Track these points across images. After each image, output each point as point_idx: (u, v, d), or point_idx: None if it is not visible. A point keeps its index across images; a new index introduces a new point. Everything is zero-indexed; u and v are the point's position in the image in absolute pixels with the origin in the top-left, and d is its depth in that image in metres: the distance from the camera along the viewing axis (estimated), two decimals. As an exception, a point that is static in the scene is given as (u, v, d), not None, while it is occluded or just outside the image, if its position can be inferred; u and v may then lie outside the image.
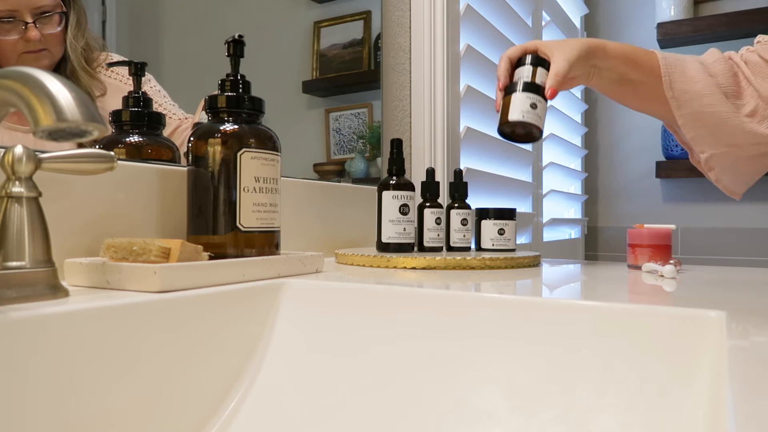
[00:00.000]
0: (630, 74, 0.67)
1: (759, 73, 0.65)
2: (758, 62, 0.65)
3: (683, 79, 0.66)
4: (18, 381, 0.32)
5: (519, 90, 0.65)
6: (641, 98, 0.70)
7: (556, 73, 0.64)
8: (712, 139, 0.67)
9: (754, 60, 0.66)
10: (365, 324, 0.46)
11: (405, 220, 0.72)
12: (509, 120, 0.63)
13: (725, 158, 0.68)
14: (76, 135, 0.31)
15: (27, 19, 0.57)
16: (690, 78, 0.66)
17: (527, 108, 0.63)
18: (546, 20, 1.60)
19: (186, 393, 0.41)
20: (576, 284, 0.59)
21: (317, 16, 0.96)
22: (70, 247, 0.49)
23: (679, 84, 0.67)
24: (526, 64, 0.66)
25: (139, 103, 0.61)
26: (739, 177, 0.70)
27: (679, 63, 0.67)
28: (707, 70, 0.66)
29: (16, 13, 0.57)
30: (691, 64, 0.67)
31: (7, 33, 0.56)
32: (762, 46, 0.66)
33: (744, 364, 0.26)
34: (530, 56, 0.67)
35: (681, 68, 0.67)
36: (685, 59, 0.68)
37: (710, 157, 0.68)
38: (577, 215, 1.99)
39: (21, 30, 0.57)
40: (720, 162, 0.68)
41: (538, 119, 0.64)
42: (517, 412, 0.38)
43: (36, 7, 0.58)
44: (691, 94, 0.66)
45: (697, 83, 0.66)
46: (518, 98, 0.64)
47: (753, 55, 0.66)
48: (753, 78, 0.65)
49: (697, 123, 0.67)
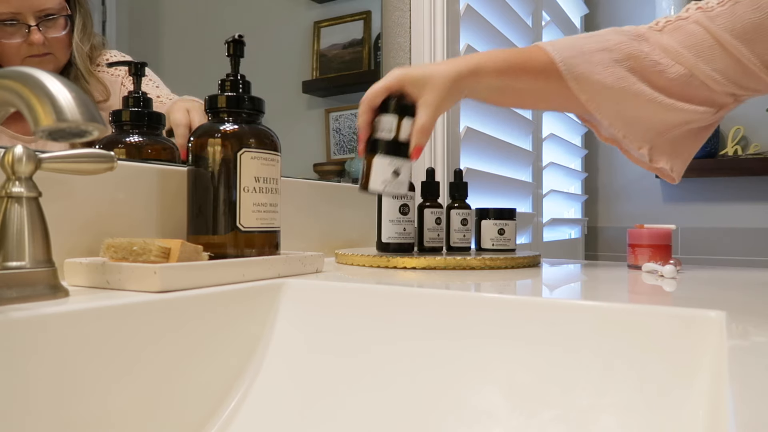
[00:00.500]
0: (513, 84, 0.63)
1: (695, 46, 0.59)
2: (697, 33, 0.59)
3: (590, 77, 0.61)
4: (18, 381, 0.32)
5: (380, 151, 0.60)
6: (532, 102, 0.68)
7: (421, 127, 0.59)
8: (643, 131, 0.64)
9: (690, 30, 0.60)
10: (365, 324, 0.46)
11: (405, 220, 0.72)
12: (369, 189, 0.60)
13: (665, 144, 0.65)
14: (76, 135, 0.31)
15: (30, 22, 0.56)
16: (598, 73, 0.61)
17: (388, 177, 0.59)
18: (546, 20, 1.60)
19: (186, 393, 0.41)
20: (576, 284, 0.59)
21: (317, 16, 0.96)
22: (70, 247, 0.49)
23: (589, 84, 0.62)
24: (389, 111, 0.60)
25: (139, 103, 0.61)
26: (682, 157, 0.67)
27: (580, 58, 0.62)
28: (611, 56, 0.61)
29: (18, 16, 0.55)
30: (593, 54, 0.62)
31: (9, 36, 0.55)
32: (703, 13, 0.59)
33: (744, 364, 0.26)
34: (393, 101, 0.60)
35: (585, 65, 0.62)
36: (584, 48, 0.62)
37: (650, 150, 0.65)
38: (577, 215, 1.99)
39: (24, 33, 0.56)
40: (663, 149, 0.65)
41: (400, 186, 0.60)
42: (517, 412, 0.38)
43: (39, 10, 0.57)
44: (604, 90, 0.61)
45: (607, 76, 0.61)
46: (379, 164, 0.59)
47: (688, 24, 0.60)
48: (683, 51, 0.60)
49: (623, 119, 0.63)
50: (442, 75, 0.60)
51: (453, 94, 0.61)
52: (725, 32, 0.58)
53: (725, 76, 0.59)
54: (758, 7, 0.56)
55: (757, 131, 1.85)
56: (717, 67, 0.59)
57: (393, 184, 0.60)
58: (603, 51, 0.62)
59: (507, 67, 0.62)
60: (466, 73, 0.61)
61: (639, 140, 0.65)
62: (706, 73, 0.60)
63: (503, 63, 0.62)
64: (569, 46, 0.63)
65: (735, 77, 0.59)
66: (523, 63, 0.63)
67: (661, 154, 0.66)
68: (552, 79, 0.63)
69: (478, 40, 1.18)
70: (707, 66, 0.59)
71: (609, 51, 0.62)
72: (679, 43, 0.60)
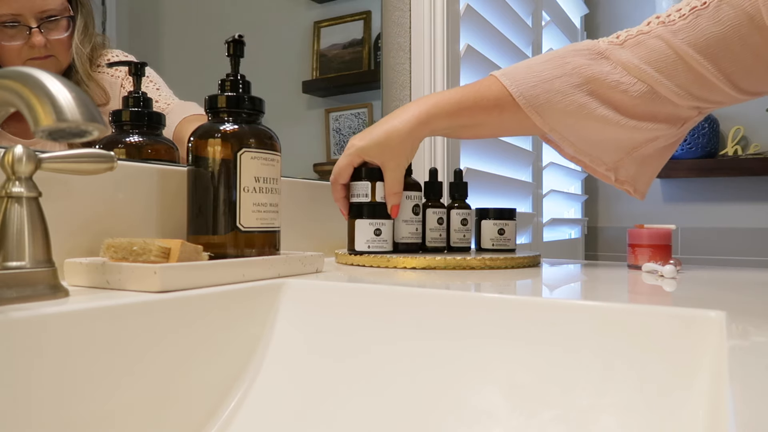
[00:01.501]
0: (467, 122, 0.64)
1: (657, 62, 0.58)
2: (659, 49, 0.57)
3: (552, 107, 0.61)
4: (18, 381, 0.32)
5: (362, 215, 0.68)
6: (491, 133, 0.68)
7: (390, 191, 0.65)
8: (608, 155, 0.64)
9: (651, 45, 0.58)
10: (365, 324, 0.46)
11: (417, 220, 0.73)
12: (356, 250, 0.67)
13: (631, 166, 0.65)
14: (76, 135, 0.31)
15: (31, 24, 0.55)
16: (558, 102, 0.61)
17: (371, 237, 0.66)
18: (546, 20, 1.60)
19: (186, 393, 0.41)
20: (576, 284, 0.59)
21: (317, 16, 0.96)
22: (70, 247, 0.49)
23: (551, 114, 0.61)
24: (362, 178, 0.68)
25: (139, 103, 0.61)
26: (648, 176, 0.67)
27: (539, 88, 0.61)
28: (570, 81, 0.61)
29: (20, 18, 0.54)
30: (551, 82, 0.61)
31: (10, 38, 0.54)
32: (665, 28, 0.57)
33: (744, 364, 0.26)
34: (363, 170, 0.68)
35: (544, 95, 0.61)
36: (542, 76, 0.61)
37: (616, 171, 0.65)
38: (577, 215, 1.99)
39: (25, 35, 0.54)
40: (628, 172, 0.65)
41: (384, 244, 0.68)
42: (517, 412, 0.38)
43: (41, 11, 0.55)
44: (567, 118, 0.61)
45: (569, 105, 0.60)
46: (361, 227, 0.67)
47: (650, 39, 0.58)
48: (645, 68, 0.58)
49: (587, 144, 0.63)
50: (396, 136, 0.63)
51: (411, 147, 0.64)
52: (688, 47, 0.56)
53: (688, 91, 0.59)
54: (719, 20, 0.55)
55: (757, 131, 1.85)
56: (680, 82, 0.58)
57: (377, 242, 0.68)
58: (562, 77, 0.61)
59: (459, 109, 0.63)
60: (417, 126, 0.63)
61: (604, 163, 0.66)
62: (669, 89, 0.58)
63: (455, 105, 0.63)
64: (526, 74, 0.62)
65: (699, 92, 0.59)
66: (476, 100, 0.63)
67: (626, 176, 0.66)
68: (507, 110, 0.63)
69: (478, 40, 1.18)
70: (670, 82, 0.58)
71: (568, 76, 0.61)
72: (641, 58, 0.59)
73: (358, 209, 0.70)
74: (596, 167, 0.66)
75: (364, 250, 0.69)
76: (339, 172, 0.68)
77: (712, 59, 0.56)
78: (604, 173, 0.67)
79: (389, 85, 1.05)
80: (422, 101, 0.65)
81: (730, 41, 0.55)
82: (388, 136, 0.64)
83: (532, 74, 0.62)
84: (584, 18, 2.05)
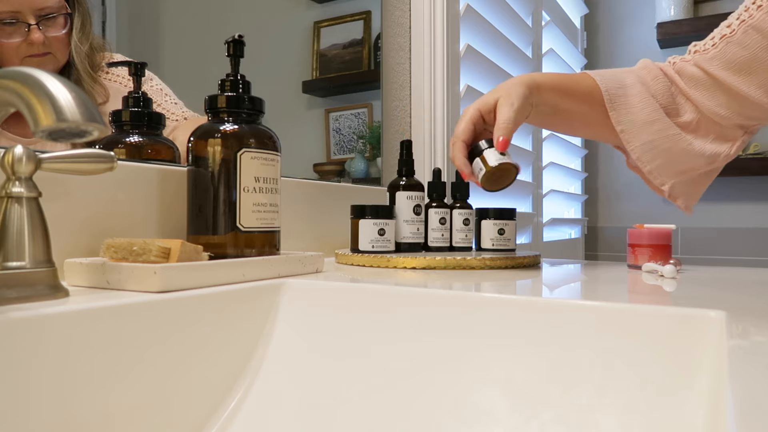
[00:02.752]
0: (561, 104, 0.67)
1: (697, 86, 0.64)
2: (697, 74, 0.64)
3: (628, 108, 0.66)
4: (18, 381, 0.32)
5: (366, 216, 0.71)
6: (579, 126, 0.71)
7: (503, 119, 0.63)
8: (668, 169, 0.67)
9: (690, 72, 0.64)
10: (365, 324, 0.46)
11: (418, 220, 0.74)
12: (360, 249, 0.70)
13: (685, 183, 0.68)
14: (76, 135, 0.31)
15: (30, 21, 0.55)
16: (635, 105, 0.66)
17: (375, 236, 0.69)
18: (546, 20, 1.60)
19: (186, 393, 0.41)
20: (576, 284, 0.59)
21: (317, 16, 0.96)
22: (70, 247, 0.49)
23: (626, 115, 0.66)
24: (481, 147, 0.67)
25: (139, 103, 0.61)
26: (698, 193, 0.71)
27: (621, 90, 0.66)
28: (648, 90, 0.66)
29: (18, 15, 0.55)
30: (633, 87, 0.66)
31: (9, 36, 0.54)
32: (701, 56, 0.64)
33: (744, 364, 0.26)
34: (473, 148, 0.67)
35: (624, 98, 0.66)
36: (626, 81, 0.67)
37: (672, 187, 0.68)
38: (577, 215, 1.99)
39: (24, 32, 0.55)
40: (682, 189, 0.69)
41: (387, 243, 0.71)
42: (517, 412, 0.38)
43: (39, 9, 0.56)
44: (639, 123, 0.66)
45: (643, 110, 0.65)
46: (365, 227, 0.70)
47: (689, 67, 0.65)
48: (690, 92, 0.65)
49: (651, 153, 0.67)
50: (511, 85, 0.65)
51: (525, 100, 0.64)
52: (722, 71, 0.62)
53: (730, 110, 0.63)
54: (747, 45, 0.60)
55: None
56: (720, 102, 0.63)
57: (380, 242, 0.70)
58: (641, 84, 0.66)
59: (559, 86, 0.67)
60: (530, 85, 0.65)
61: (662, 177, 0.68)
62: (711, 110, 0.64)
63: (557, 81, 0.67)
64: (612, 77, 0.67)
65: (739, 109, 0.63)
66: (573, 84, 0.67)
67: (680, 193, 0.70)
68: (596, 104, 0.67)
69: (478, 40, 1.18)
70: (711, 102, 0.63)
71: (645, 85, 0.66)
72: (685, 84, 0.65)
73: (361, 209, 0.71)
74: (654, 180, 0.69)
75: (367, 249, 0.70)
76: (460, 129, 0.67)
77: (747, 77, 0.61)
78: (658, 186, 0.69)
79: (389, 85, 1.05)
80: (525, 75, 0.68)
81: (760, 60, 0.60)
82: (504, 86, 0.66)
83: (616, 78, 0.68)
84: (584, 18, 2.05)
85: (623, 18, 2.04)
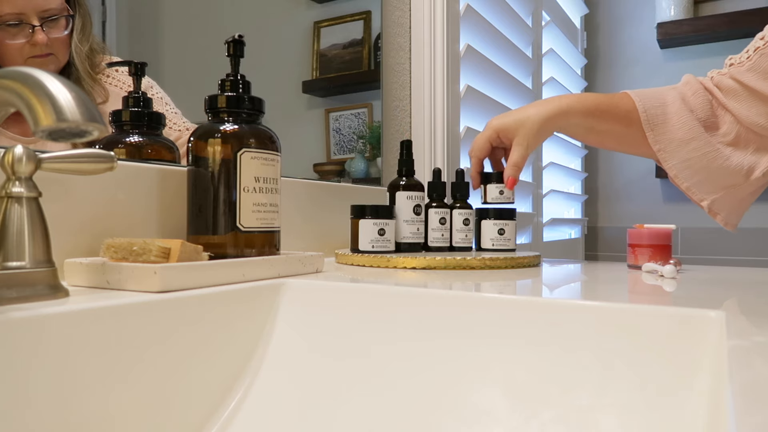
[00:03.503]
0: (596, 126, 0.69)
1: (735, 97, 0.65)
2: (734, 87, 0.65)
3: (666, 127, 0.67)
4: (18, 381, 0.32)
5: (366, 216, 0.73)
6: (614, 145, 0.72)
7: (514, 162, 0.69)
8: (706, 185, 0.68)
9: (727, 84, 0.66)
10: (365, 324, 0.46)
11: (418, 220, 0.74)
12: (360, 249, 0.72)
13: (726, 200, 0.69)
14: (76, 135, 0.31)
15: (34, 23, 0.56)
16: (673, 124, 0.67)
17: (375, 236, 0.71)
18: (546, 20, 1.60)
19: (186, 393, 0.41)
20: (576, 284, 0.59)
21: (317, 16, 0.96)
22: (70, 247, 0.49)
23: (663, 135, 0.67)
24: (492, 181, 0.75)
25: (139, 103, 0.61)
26: (740, 211, 0.72)
27: (660, 109, 0.67)
28: (687, 106, 0.67)
29: (22, 17, 0.56)
30: (672, 104, 0.67)
31: (13, 37, 0.55)
32: (735, 68, 0.65)
33: (744, 364, 0.26)
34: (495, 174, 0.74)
35: (663, 116, 0.67)
36: (666, 99, 0.68)
37: (711, 203, 0.69)
38: (577, 215, 1.99)
39: (28, 34, 0.56)
40: (722, 205, 0.69)
41: (387, 243, 0.72)
42: (517, 412, 0.38)
43: (43, 11, 0.57)
44: (677, 142, 0.67)
45: (680, 129, 0.67)
46: (365, 227, 0.72)
47: (725, 79, 0.66)
48: (728, 102, 0.65)
49: (689, 171, 0.67)
50: (532, 118, 0.69)
51: (543, 133, 0.70)
52: (758, 81, 0.63)
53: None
54: None
55: (757, 131, 1.84)
56: (759, 111, 0.64)
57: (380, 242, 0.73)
58: (681, 101, 0.67)
59: (594, 109, 0.69)
60: (555, 114, 0.69)
61: (701, 194, 0.69)
62: (750, 120, 0.65)
63: (592, 105, 0.69)
64: (653, 96, 0.69)
65: None
66: (611, 107, 0.69)
67: (720, 209, 0.70)
68: (633, 124, 0.68)
69: (478, 40, 1.18)
70: (749, 112, 0.65)
71: (685, 101, 0.67)
72: (724, 96, 0.66)
73: (361, 209, 0.71)
74: (693, 196, 0.70)
75: (367, 249, 0.70)
76: (477, 146, 0.73)
77: None
78: (698, 202, 0.70)
79: (389, 85, 1.05)
80: (564, 96, 0.71)
81: None
82: (525, 117, 0.70)
83: (657, 96, 0.69)
84: (584, 18, 2.05)
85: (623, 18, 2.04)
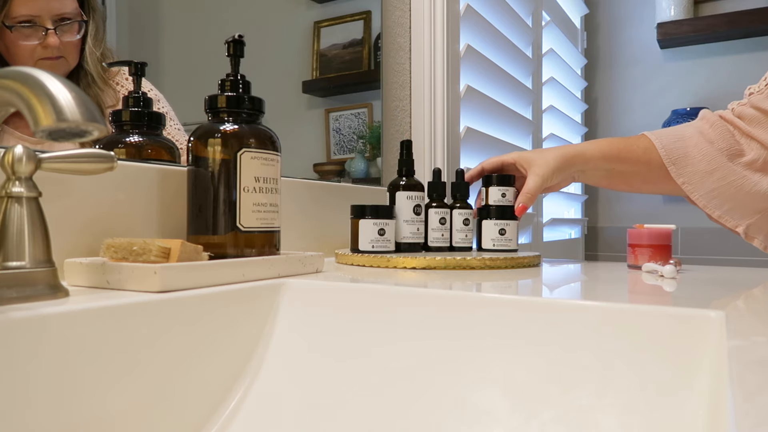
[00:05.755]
0: (616, 168, 0.71)
1: (759, 124, 0.66)
2: (755, 115, 0.66)
3: (687, 160, 0.68)
4: (18, 381, 0.32)
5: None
6: (638, 185, 0.73)
7: (527, 190, 0.70)
8: (738, 212, 0.68)
9: (749, 113, 0.66)
10: (365, 324, 0.46)
11: (418, 220, 0.74)
12: (360, 249, 0.71)
13: (762, 223, 0.69)
14: (76, 135, 0.31)
15: (47, 25, 0.57)
16: (694, 157, 0.68)
17: (375, 236, 0.70)
18: (546, 20, 1.60)
19: (186, 393, 0.41)
20: (576, 284, 0.59)
21: (317, 16, 0.96)
22: (70, 247, 0.49)
23: (685, 168, 0.68)
24: (493, 184, 0.74)
25: (139, 103, 0.61)
26: None
27: (680, 143, 0.68)
28: (706, 138, 0.68)
29: (36, 18, 0.57)
30: (690, 138, 0.68)
31: (26, 38, 0.56)
32: (756, 97, 0.66)
33: (744, 364, 0.26)
34: (495, 176, 0.74)
35: (682, 151, 0.68)
36: (684, 134, 0.69)
37: (747, 228, 0.69)
38: (577, 215, 1.99)
39: (41, 36, 0.57)
40: (759, 228, 0.69)
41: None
42: (517, 412, 0.38)
43: (57, 14, 0.58)
44: (700, 174, 0.67)
45: (702, 160, 0.67)
46: (365, 227, 0.70)
47: (747, 109, 0.67)
48: (753, 130, 0.66)
49: (718, 200, 0.68)
50: (552, 154, 0.71)
51: (560, 170, 0.71)
52: None
53: None
54: None
55: (757, 131, 1.84)
56: None
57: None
58: (699, 134, 0.69)
59: (611, 152, 0.71)
60: (574, 154, 0.71)
61: (734, 220, 0.69)
62: None
63: (607, 147, 0.71)
64: (670, 133, 0.70)
65: None
66: (627, 148, 0.71)
67: (757, 232, 0.70)
68: (653, 162, 0.70)
69: (478, 40, 1.18)
70: None
71: (703, 134, 0.68)
72: (747, 124, 0.67)
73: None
74: (726, 224, 0.70)
75: (367, 249, 0.70)
76: (490, 160, 0.76)
77: None
78: (733, 229, 0.71)
79: (389, 85, 1.05)
80: (586, 142, 0.73)
81: None
82: (545, 152, 0.72)
83: (675, 133, 0.70)
84: (584, 18, 2.05)
85: (623, 18, 2.04)
